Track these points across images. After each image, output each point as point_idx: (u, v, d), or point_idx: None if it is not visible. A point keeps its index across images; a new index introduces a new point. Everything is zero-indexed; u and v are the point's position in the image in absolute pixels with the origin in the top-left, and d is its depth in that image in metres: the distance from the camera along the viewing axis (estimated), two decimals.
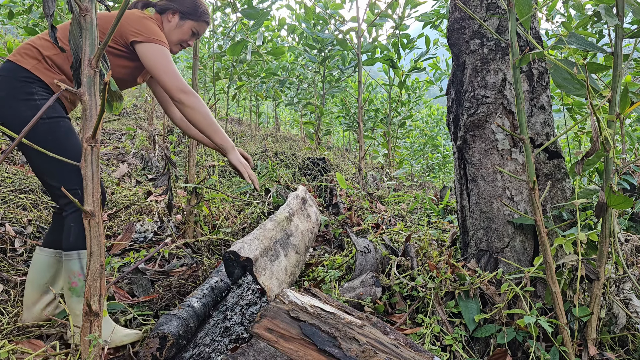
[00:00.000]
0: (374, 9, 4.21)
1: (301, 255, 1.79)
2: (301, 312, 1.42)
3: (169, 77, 1.64)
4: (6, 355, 1.38)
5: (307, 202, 2.17)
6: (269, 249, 1.51)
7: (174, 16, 1.82)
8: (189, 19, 1.83)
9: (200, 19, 1.86)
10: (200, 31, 1.90)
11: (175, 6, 1.82)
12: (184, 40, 1.87)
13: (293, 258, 1.66)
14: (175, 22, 1.83)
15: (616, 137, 1.95)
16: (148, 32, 1.64)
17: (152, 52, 1.63)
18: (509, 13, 1.33)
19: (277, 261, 1.51)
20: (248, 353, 1.26)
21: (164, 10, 1.83)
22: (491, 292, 1.70)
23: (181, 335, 1.45)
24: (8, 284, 1.88)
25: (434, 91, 6.17)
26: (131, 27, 1.64)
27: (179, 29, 1.83)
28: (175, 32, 1.84)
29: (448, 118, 2.11)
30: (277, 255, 1.53)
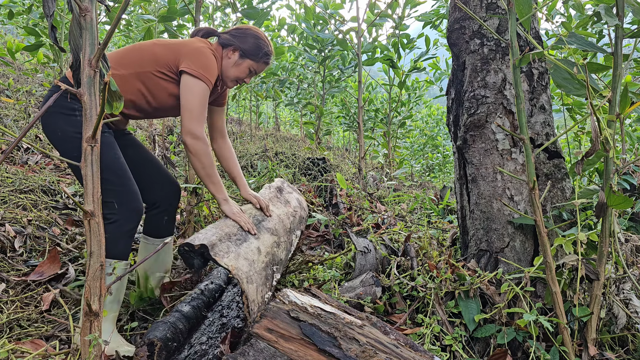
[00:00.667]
0: (374, 9, 4.21)
1: (281, 237, 1.79)
2: (301, 312, 1.42)
3: (189, 115, 1.63)
4: (6, 355, 1.38)
5: (284, 190, 2.20)
6: (232, 234, 1.55)
7: (234, 53, 1.81)
8: (248, 58, 1.82)
9: (260, 60, 1.85)
10: (259, 70, 1.89)
11: (237, 44, 1.81)
12: (241, 77, 1.85)
13: (268, 239, 1.68)
14: (234, 60, 1.81)
15: (616, 137, 1.95)
16: (198, 67, 1.65)
17: (190, 85, 1.64)
18: (509, 13, 1.33)
19: (246, 244, 1.55)
20: (248, 353, 1.26)
21: (226, 45, 1.82)
22: (491, 292, 1.70)
23: (169, 338, 1.45)
24: (8, 283, 1.88)
25: (434, 91, 6.17)
26: (186, 57, 1.66)
27: (237, 66, 1.82)
28: (233, 69, 1.82)
29: (448, 118, 2.11)
30: (245, 239, 1.57)
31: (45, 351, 1.39)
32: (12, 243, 2.17)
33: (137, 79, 1.68)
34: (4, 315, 1.67)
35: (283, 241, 1.79)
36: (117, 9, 3.41)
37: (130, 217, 1.60)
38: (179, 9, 2.98)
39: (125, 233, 1.58)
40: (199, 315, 1.68)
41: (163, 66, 1.67)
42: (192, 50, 1.68)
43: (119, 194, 1.58)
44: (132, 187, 1.63)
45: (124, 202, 1.58)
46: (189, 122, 1.62)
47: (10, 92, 4.84)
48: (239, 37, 1.82)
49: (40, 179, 2.98)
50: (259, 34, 1.85)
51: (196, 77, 1.63)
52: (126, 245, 1.59)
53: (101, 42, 1.03)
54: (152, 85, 1.69)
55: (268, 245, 1.65)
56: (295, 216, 2.06)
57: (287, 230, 1.87)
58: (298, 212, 2.12)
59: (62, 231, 2.44)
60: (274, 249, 1.66)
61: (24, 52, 6.72)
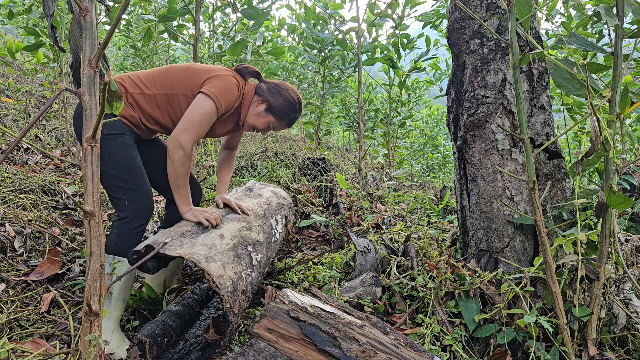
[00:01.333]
0: (374, 9, 4.21)
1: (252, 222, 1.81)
2: (301, 312, 1.42)
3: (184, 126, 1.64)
4: (6, 355, 1.38)
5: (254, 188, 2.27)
6: (187, 231, 1.59)
7: (261, 104, 1.84)
8: (272, 115, 1.84)
9: (283, 121, 1.87)
10: (277, 129, 1.91)
11: (268, 97, 1.83)
12: (258, 128, 1.87)
13: (234, 226, 1.69)
14: (259, 110, 1.84)
15: (616, 137, 1.95)
16: (214, 88, 1.68)
17: (199, 101, 1.67)
18: (509, 13, 1.33)
19: (204, 234, 1.57)
20: (248, 353, 1.26)
21: (259, 94, 1.85)
22: (491, 292, 1.70)
23: (158, 334, 1.45)
24: (8, 283, 1.88)
25: (434, 91, 6.17)
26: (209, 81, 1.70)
27: (258, 117, 1.84)
28: (254, 117, 1.85)
29: (448, 118, 2.11)
30: (203, 231, 1.60)
31: (45, 351, 1.39)
32: (12, 243, 2.17)
33: (166, 100, 1.73)
34: (4, 315, 1.67)
35: (256, 224, 1.80)
36: (117, 9, 3.41)
37: (139, 214, 1.64)
38: (179, 9, 2.98)
39: (133, 230, 1.62)
40: (192, 312, 1.69)
41: (188, 89, 1.72)
42: (217, 76, 1.72)
43: (131, 192, 1.62)
44: (145, 187, 1.67)
45: (134, 199, 1.62)
46: (182, 132, 1.63)
47: (10, 92, 4.84)
48: (274, 92, 1.85)
49: (40, 179, 2.98)
50: (292, 98, 1.87)
51: (208, 96, 1.66)
52: (133, 242, 1.61)
53: (101, 42, 1.03)
54: (178, 106, 1.74)
55: (234, 230, 1.66)
56: (270, 204, 2.10)
57: (260, 215, 1.90)
58: (274, 200, 2.17)
59: (62, 231, 2.44)
60: (243, 232, 1.68)
61: (24, 52, 6.73)
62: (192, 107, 1.66)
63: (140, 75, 1.75)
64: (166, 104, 1.73)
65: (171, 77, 1.73)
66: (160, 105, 1.72)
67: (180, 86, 1.72)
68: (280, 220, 2.06)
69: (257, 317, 1.40)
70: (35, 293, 1.86)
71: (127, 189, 1.61)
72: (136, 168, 1.66)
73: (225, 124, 1.90)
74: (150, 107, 1.71)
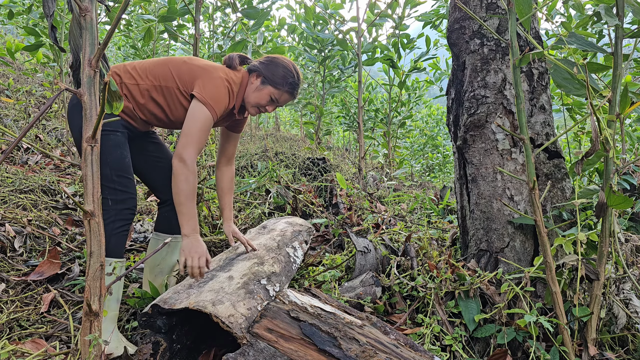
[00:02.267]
0: (374, 9, 4.21)
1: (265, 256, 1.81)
2: (301, 312, 1.42)
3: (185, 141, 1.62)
4: (7, 356, 1.38)
5: (267, 226, 2.27)
6: (193, 283, 1.56)
7: (257, 79, 1.81)
8: (270, 85, 1.80)
9: (282, 88, 1.82)
10: (281, 100, 1.85)
11: (261, 70, 1.81)
12: (261, 104, 1.83)
13: (244, 265, 1.69)
14: (256, 85, 1.81)
15: (616, 137, 1.95)
16: (207, 94, 1.66)
17: (196, 111, 1.65)
18: (509, 13, 1.33)
19: (211, 282, 1.55)
20: (248, 353, 1.26)
21: (252, 71, 1.83)
22: (491, 292, 1.70)
23: (174, 339, 1.45)
24: (8, 283, 1.88)
25: (434, 91, 6.17)
26: (201, 82, 1.68)
27: (258, 92, 1.81)
28: (254, 94, 1.81)
29: (448, 118, 2.11)
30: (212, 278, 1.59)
31: (45, 351, 1.39)
32: (12, 243, 2.17)
33: (160, 92, 1.73)
34: (4, 315, 1.67)
35: (270, 257, 1.79)
36: (117, 9, 3.41)
37: (122, 215, 1.62)
38: (179, 9, 2.98)
39: (116, 230, 1.60)
40: None
41: (182, 84, 1.71)
42: (208, 78, 1.70)
43: (116, 193, 1.61)
44: (130, 188, 1.66)
45: (119, 200, 1.61)
46: (184, 147, 1.62)
47: (10, 92, 4.84)
48: (266, 63, 1.83)
49: (40, 179, 2.98)
50: (287, 64, 1.84)
51: (203, 103, 1.65)
52: (117, 243, 1.60)
53: (101, 42, 1.03)
54: (172, 100, 1.73)
55: (244, 269, 1.64)
56: (285, 234, 2.09)
57: (271, 248, 1.89)
58: (288, 229, 2.16)
59: (62, 231, 2.44)
60: (254, 269, 1.65)
61: (24, 52, 6.73)
62: (189, 118, 1.64)
63: (136, 66, 1.74)
64: (160, 95, 1.72)
65: (166, 70, 1.73)
66: (154, 97, 1.72)
67: (173, 79, 1.72)
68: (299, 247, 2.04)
69: (257, 317, 1.39)
70: (35, 293, 1.86)
71: (112, 189, 1.61)
72: (124, 168, 1.65)
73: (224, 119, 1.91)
74: (143, 99, 1.71)
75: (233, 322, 1.30)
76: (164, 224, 1.96)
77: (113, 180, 1.60)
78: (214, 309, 1.33)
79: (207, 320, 1.59)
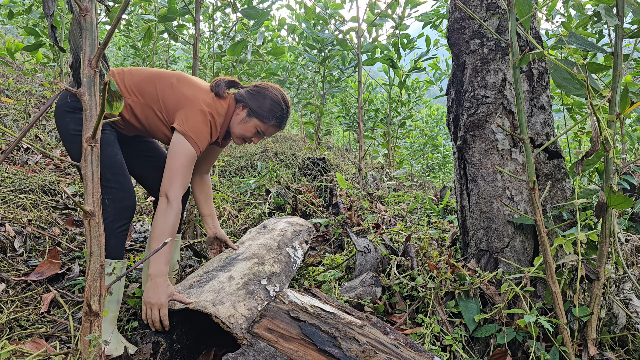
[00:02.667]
0: (374, 9, 4.21)
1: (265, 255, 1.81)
2: (301, 312, 1.42)
3: (169, 177, 1.59)
4: (7, 356, 1.38)
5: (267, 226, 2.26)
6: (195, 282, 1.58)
7: (242, 110, 1.77)
8: (255, 118, 1.76)
9: (269, 122, 1.78)
10: (267, 133, 1.82)
11: (247, 101, 1.76)
12: (247, 137, 1.80)
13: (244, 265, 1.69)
14: (242, 117, 1.77)
15: (616, 137, 1.95)
16: (189, 127, 1.62)
17: (180, 148, 1.61)
18: (509, 13, 1.33)
19: (212, 281, 1.57)
20: (248, 353, 1.26)
21: (238, 102, 1.78)
22: (491, 292, 1.70)
23: (174, 340, 1.45)
24: (8, 283, 1.88)
25: (434, 91, 6.17)
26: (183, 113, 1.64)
27: (243, 124, 1.77)
28: (239, 126, 1.78)
29: (448, 118, 2.11)
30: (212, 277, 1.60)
31: (45, 351, 1.39)
32: (12, 243, 2.17)
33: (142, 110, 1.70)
34: (4, 315, 1.68)
35: (270, 257, 1.79)
36: (117, 9, 3.41)
37: (122, 214, 1.60)
38: (179, 9, 2.98)
39: (115, 230, 1.58)
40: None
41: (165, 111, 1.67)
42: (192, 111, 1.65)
43: (112, 191, 1.58)
44: (126, 185, 1.63)
45: (116, 199, 1.58)
46: (169, 185, 1.58)
47: (10, 92, 4.84)
48: (253, 94, 1.77)
49: (40, 179, 2.98)
50: (276, 96, 1.78)
51: (185, 137, 1.61)
52: (117, 243, 1.59)
53: (101, 42, 1.03)
54: (153, 121, 1.70)
55: (244, 269, 1.64)
56: (285, 234, 2.08)
57: (272, 248, 1.89)
58: (288, 229, 2.15)
59: (62, 231, 2.44)
60: (255, 268, 1.65)
61: (24, 52, 6.73)
62: (172, 154, 1.61)
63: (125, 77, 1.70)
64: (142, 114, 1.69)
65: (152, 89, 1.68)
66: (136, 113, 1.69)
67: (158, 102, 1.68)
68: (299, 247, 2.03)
69: (257, 317, 1.40)
70: (35, 293, 1.86)
71: (108, 188, 1.57)
72: (117, 166, 1.62)
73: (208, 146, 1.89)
74: (127, 113, 1.68)
75: (233, 323, 1.30)
76: None
77: (108, 178, 1.57)
78: (215, 309, 1.33)
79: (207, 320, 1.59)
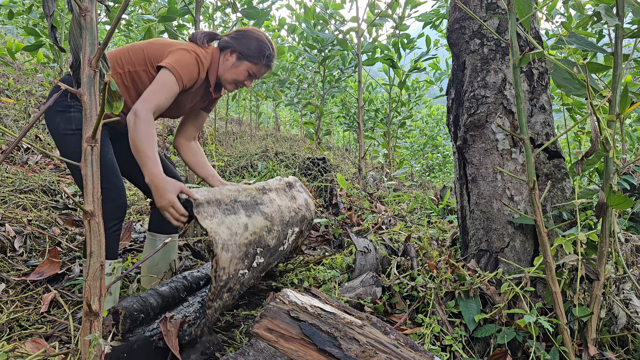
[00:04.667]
0: (374, 9, 4.21)
1: (275, 225, 1.77)
2: (301, 312, 1.42)
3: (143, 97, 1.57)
4: (5, 357, 1.38)
5: (294, 187, 2.17)
6: (223, 202, 1.56)
7: (231, 55, 1.78)
8: (246, 61, 1.78)
9: (260, 62, 1.80)
10: (259, 74, 1.84)
11: (235, 46, 1.78)
12: (239, 80, 1.81)
13: (260, 222, 1.66)
14: (232, 62, 1.78)
15: (616, 137, 1.95)
16: (173, 61, 1.64)
17: (160, 75, 1.62)
18: (509, 13, 1.33)
19: (234, 216, 1.55)
20: (248, 353, 1.26)
21: (224, 48, 1.79)
22: (491, 292, 1.70)
23: (136, 309, 1.45)
24: (8, 283, 1.88)
25: (434, 91, 6.17)
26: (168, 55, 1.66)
27: (234, 68, 1.79)
28: (230, 71, 1.79)
29: (448, 118, 2.11)
30: (235, 212, 1.57)
31: (45, 351, 1.39)
32: (12, 243, 2.17)
33: (131, 79, 1.68)
34: (4, 315, 1.67)
35: (276, 229, 1.77)
36: (117, 9, 3.41)
37: (114, 214, 1.59)
38: (179, 9, 2.98)
39: (108, 230, 1.57)
40: (177, 296, 1.67)
41: (152, 65, 1.68)
42: (176, 50, 1.68)
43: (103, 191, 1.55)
44: (118, 185, 1.62)
45: (107, 199, 1.56)
46: (140, 102, 1.56)
47: (10, 92, 4.84)
48: (238, 39, 1.79)
49: (40, 179, 2.98)
50: (260, 36, 1.81)
51: (169, 70, 1.62)
52: (110, 244, 1.58)
53: (101, 42, 1.03)
54: (142, 85, 1.69)
55: (258, 227, 1.64)
56: (298, 214, 2.05)
57: (284, 221, 1.86)
58: (302, 211, 2.11)
59: (62, 231, 2.44)
60: (263, 232, 1.65)
61: (24, 52, 6.73)
62: (157, 80, 1.61)
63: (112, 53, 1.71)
64: (131, 82, 1.68)
65: (133, 54, 1.69)
66: (127, 85, 1.68)
67: (142, 61, 1.68)
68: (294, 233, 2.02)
69: (257, 317, 1.40)
70: (35, 293, 1.86)
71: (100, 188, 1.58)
72: (109, 165, 1.61)
73: (195, 96, 1.85)
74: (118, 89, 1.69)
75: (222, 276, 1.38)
76: (158, 224, 1.93)
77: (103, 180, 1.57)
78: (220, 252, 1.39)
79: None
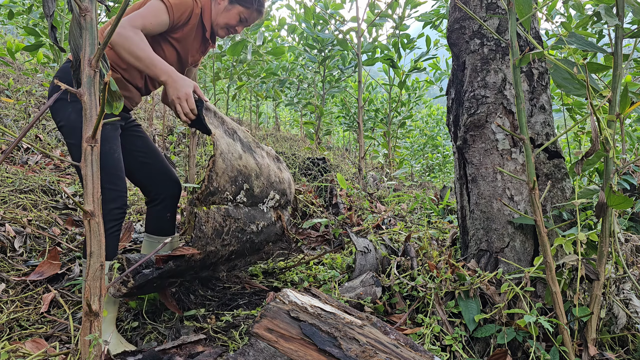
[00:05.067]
0: (374, 9, 4.21)
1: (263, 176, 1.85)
2: (301, 312, 1.42)
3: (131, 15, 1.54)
4: (6, 357, 1.38)
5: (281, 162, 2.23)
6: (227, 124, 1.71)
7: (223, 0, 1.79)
8: (238, 4, 1.79)
9: (252, 7, 1.80)
10: (250, 19, 1.85)
11: None
12: (231, 25, 1.82)
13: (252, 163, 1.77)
14: (224, 5, 1.78)
15: (616, 137, 1.95)
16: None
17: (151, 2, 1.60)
18: (509, 13, 1.33)
19: (232, 141, 1.68)
20: (248, 353, 1.26)
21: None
22: (491, 292, 1.70)
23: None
24: (8, 283, 1.88)
25: (434, 91, 6.17)
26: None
27: (226, 12, 1.79)
28: (222, 15, 1.79)
29: (448, 118, 2.11)
30: (234, 140, 1.71)
31: (45, 351, 1.39)
32: (12, 243, 2.17)
33: None
34: (4, 315, 1.68)
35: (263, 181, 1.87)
36: (117, 9, 3.41)
37: (113, 215, 1.56)
38: None
39: (107, 231, 1.54)
40: None
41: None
42: None
43: (104, 192, 1.53)
44: (120, 186, 1.60)
45: (108, 199, 1.54)
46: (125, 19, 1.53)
47: (10, 92, 4.84)
48: None
49: (40, 179, 2.98)
50: None
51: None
52: (109, 246, 1.55)
53: (101, 42, 1.03)
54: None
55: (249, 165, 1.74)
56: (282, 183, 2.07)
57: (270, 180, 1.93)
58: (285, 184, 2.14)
59: (62, 231, 2.44)
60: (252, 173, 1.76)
61: (24, 52, 6.73)
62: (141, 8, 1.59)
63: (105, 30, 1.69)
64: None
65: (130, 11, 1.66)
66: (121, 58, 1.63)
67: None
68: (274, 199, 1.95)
69: (257, 317, 1.40)
70: (35, 293, 1.86)
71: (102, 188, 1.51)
72: (113, 165, 1.58)
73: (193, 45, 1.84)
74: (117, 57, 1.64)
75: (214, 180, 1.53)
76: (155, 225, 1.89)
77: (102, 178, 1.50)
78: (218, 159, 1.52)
79: None
